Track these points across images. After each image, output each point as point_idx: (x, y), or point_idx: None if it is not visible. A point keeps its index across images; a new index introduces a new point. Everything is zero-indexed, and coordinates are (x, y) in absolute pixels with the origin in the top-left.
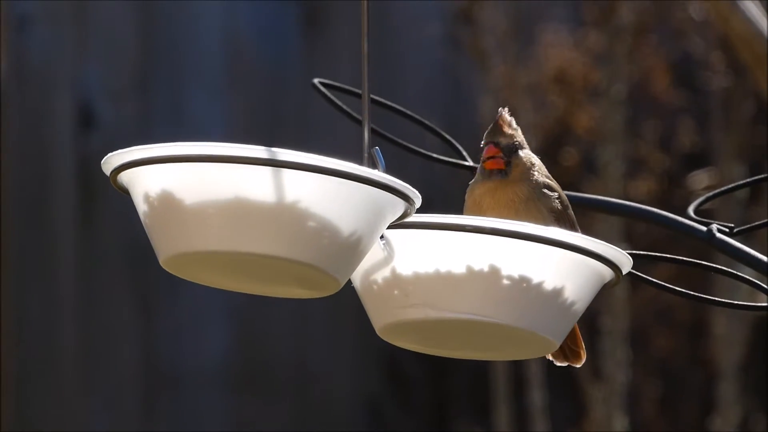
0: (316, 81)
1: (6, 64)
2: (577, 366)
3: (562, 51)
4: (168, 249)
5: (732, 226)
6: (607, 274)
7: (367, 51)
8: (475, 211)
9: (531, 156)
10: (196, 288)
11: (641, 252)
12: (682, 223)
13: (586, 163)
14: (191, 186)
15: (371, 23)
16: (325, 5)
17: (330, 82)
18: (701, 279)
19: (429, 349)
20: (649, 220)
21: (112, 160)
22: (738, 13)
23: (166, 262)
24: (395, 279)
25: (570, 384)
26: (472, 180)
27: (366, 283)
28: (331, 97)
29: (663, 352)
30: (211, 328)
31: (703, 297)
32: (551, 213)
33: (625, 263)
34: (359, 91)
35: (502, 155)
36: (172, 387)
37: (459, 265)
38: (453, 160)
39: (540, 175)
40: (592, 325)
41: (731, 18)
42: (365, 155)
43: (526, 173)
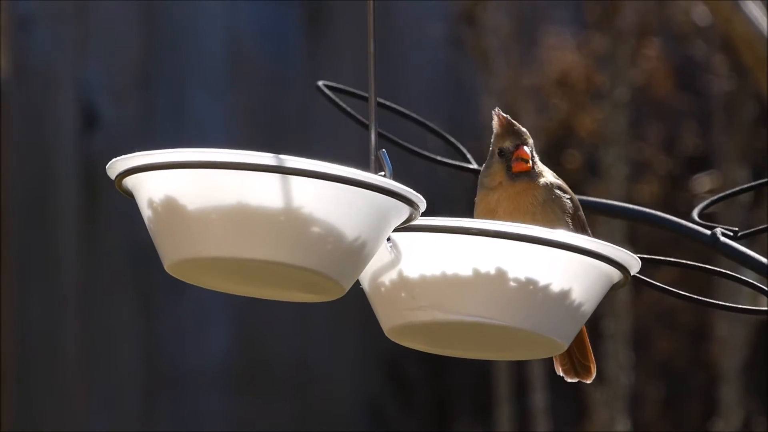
0: (320, 83)
1: (8, 64)
2: (588, 381)
3: (564, 53)
4: (172, 255)
5: (736, 229)
6: (615, 275)
7: (374, 53)
8: (488, 216)
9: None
10: (197, 288)
11: (644, 255)
12: (686, 227)
13: (589, 166)
14: (195, 192)
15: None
16: (327, 5)
17: (334, 84)
18: (703, 282)
19: (437, 349)
20: (654, 223)
21: (116, 165)
22: (740, 15)
23: (171, 267)
24: (402, 281)
25: (572, 386)
26: (482, 184)
27: (373, 285)
28: (336, 100)
29: (665, 354)
30: (213, 328)
31: (706, 300)
32: (565, 214)
33: (633, 264)
34: (363, 94)
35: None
36: (172, 387)
37: (466, 268)
38: (457, 162)
39: (551, 176)
40: (594, 328)
41: (733, 20)
42: (372, 158)
43: (542, 175)
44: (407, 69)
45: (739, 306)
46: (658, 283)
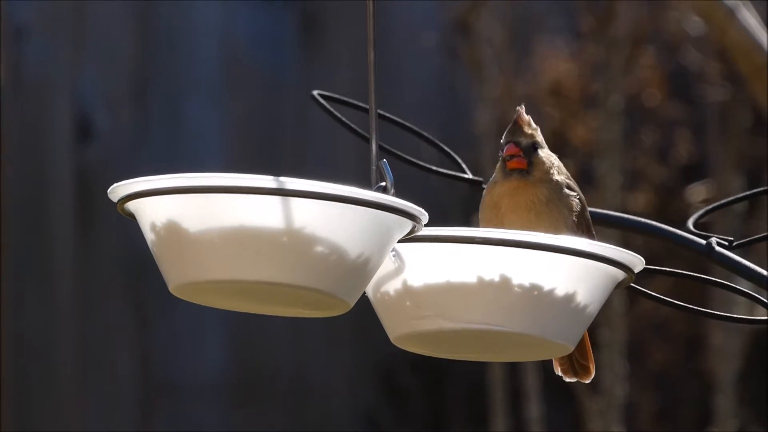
0: (315, 93)
1: (3, 73)
2: (586, 381)
3: (558, 62)
4: (177, 278)
5: (731, 239)
6: (619, 275)
7: (374, 62)
8: (493, 211)
9: (551, 156)
10: None
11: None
12: (681, 237)
13: (583, 175)
14: (197, 216)
15: (369, 32)
16: (323, 12)
17: (330, 94)
18: (698, 292)
19: (443, 354)
20: (649, 233)
21: (117, 190)
22: (736, 24)
23: (175, 289)
24: (407, 291)
25: (567, 396)
26: (491, 178)
27: (378, 295)
28: (332, 110)
29: (660, 364)
30: (208, 338)
31: (701, 310)
32: (571, 213)
33: (637, 264)
34: (359, 104)
35: (522, 154)
36: (168, 397)
37: (470, 276)
38: (452, 172)
39: (560, 175)
40: (589, 337)
41: (729, 29)
42: (373, 168)
43: (546, 173)
44: (401, 78)
45: (734, 315)
46: (653, 293)
